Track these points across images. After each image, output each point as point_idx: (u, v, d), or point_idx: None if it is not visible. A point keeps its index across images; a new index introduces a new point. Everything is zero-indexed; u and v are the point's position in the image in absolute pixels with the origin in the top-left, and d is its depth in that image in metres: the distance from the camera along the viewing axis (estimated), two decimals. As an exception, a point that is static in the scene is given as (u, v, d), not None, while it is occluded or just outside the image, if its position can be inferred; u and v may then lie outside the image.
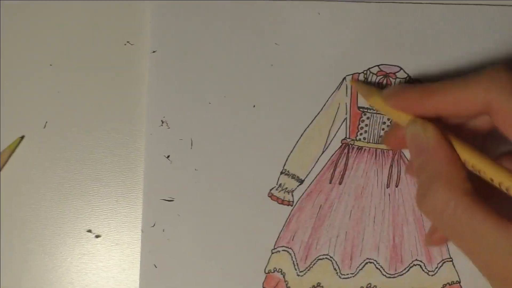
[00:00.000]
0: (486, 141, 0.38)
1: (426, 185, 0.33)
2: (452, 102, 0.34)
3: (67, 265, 0.43)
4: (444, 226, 0.32)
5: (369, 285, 0.42)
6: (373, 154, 0.43)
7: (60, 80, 0.44)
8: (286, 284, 0.42)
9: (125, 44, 0.44)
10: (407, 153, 0.43)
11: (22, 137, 0.43)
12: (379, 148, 0.43)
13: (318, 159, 0.43)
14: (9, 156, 0.43)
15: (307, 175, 0.43)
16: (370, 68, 0.43)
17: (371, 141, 0.43)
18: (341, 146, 0.43)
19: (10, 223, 0.43)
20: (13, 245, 0.43)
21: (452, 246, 0.42)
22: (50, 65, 0.44)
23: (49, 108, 0.44)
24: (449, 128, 0.35)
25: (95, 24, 0.44)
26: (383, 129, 0.43)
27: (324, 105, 0.43)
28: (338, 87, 0.43)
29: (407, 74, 0.43)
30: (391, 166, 0.43)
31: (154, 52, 0.43)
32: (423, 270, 0.42)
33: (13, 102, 0.44)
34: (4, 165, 0.43)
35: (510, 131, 0.33)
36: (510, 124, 0.32)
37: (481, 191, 0.32)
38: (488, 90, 0.33)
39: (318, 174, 0.43)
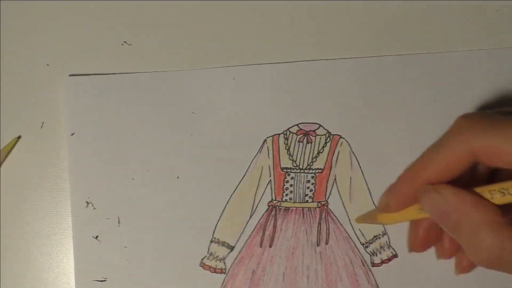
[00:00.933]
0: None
1: (473, 239, 0.33)
2: (441, 170, 0.35)
3: (63, 266, 0.43)
4: (506, 264, 0.32)
5: None
6: (300, 213, 0.43)
7: (57, 80, 0.44)
8: None
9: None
10: (333, 207, 0.43)
11: (19, 137, 0.44)
12: (306, 207, 0.43)
13: (247, 223, 0.43)
14: (6, 156, 0.43)
15: (237, 241, 0.43)
16: (289, 128, 0.43)
17: (297, 200, 0.43)
18: (268, 209, 0.43)
19: (6, 224, 0.43)
20: (10, 245, 0.43)
21: (387, 298, 0.42)
22: (47, 65, 0.44)
23: (46, 108, 0.44)
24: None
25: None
26: (308, 187, 0.43)
27: (247, 169, 0.43)
28: (260, 150, 0.43)
29: (326, 130, 0.43)
30: (319, 223, 0.43)
31: (72, 134, 0.43)
32: (361, 325, 0.42)
33: (10, 102, 0.44)
34: (0, 165, 0.43)
35: (501, 163, 0.33)
36: (499, 158, 0.33)
37: None
38: (466, 142, 0.34)
39: (248, 239, 0.43)
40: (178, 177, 0.43)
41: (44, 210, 0.43)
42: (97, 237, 0.42)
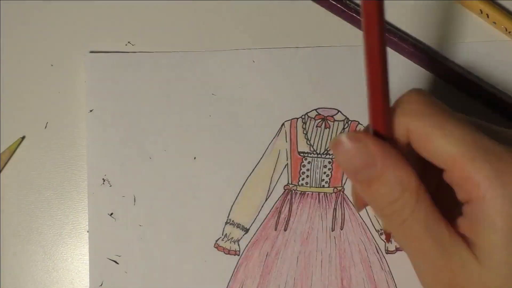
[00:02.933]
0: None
1: (375, 190, 0.31)
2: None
3: (68, 266, 0.43)
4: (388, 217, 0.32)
5: (320, 329, 0.42)
6: (316, 198, 0.43)
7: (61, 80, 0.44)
8: (238, 335, 0.42)
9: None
10: (349, 194, 0.43)
11: (23, 138, 0.43)
12: (322, 192, 0.43)
13: (262, 206, 0.43)
14: (10, 157, 0.43)
15: (252, 223, 0.43)
16: (308, 112, 0.43)
17: (313, 185, 0.43)
18: (284, 192, 0.43)
19: (10, 223, 0.43)
20: (13, 245, 0.43)
21: (399, 285, 0.42)
22: (51, 65, 0.44)
23: (50, 108, 0.44)
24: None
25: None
26: (324, 172, 0.43)
27: (265, 152, 0.43)
28: (278, 134, 0.43)
29: (345, 116, 0.43)
30: (335, 209, 0.43)
31: (91, 111, 0.43)
32: (373, 311, 0.42)
33: (13, 103, 0.44)
34: (4, 166, 0.43)
35: (425, 152, 0.31)
36: (425, 145, 0.31)
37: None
38: (406, 114, 0.31)
39: (263, 222, 0.43)
40: (195, 158, 0.43)
41: (46, 211, 0.43)
42: (111, 214, 0.42)
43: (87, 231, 0.43)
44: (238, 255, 0.43)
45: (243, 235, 0.43)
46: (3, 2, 0.44)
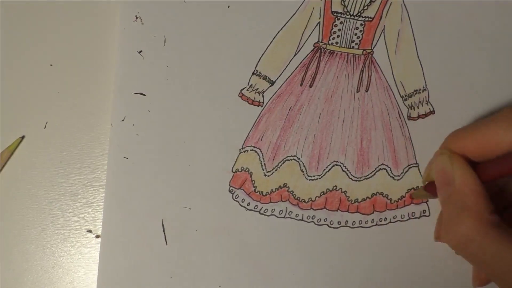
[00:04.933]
0: None
1: (454, 217, 0.34)
2: (476, 147, 0.36)
3: (67, 265, 0.43)
4: (470, 255, 0.34)
5: (335, 187, 0.43)
6: (344, 58, 0.43)
7: (60, 80, 0.44)
8: (253, 184, 0.43)
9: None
10: (378, 57, 0.43)
11: (23, 138, 0.43)
12: (351, 53, 0.43)
13: (290, 61, 0.43)
14: (9, 156, 0.43)
15: (279, 76, 0.43)
16: (345, -27, 0.43)
17: (343, 45, 0.43)
18: (313, 50, 0.43)
19: (10, 223, 0.43)
20: (13, 245, 0.43)
21: (418, 152, 0.43)
22: (51, 65, 0.44)
23: (50, 108, 0.43)
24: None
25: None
26: (355, 34, 0.43)
27: (298, 8, 0.43)
28: (313, -9, 0.43)
29: (382, -20, 0.43)
30: (362, 71, 0.43)
31: None
32: (389, 175, 0.43)
33: (13, 102, 0.43)
34: (4, 165, 0.43)
35: None
36: None
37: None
38: (508, 130, 0.34)
39: (289, 77, 0.43)
40: (229, 6, 0.43)
41: (46, 211, 0.43)
42: (140, 51, 0.43)
43: (87, 231, 0.43)
44: (262, 106, 0.43)
45: (269, 87, 0.43)
46: (3, 2, 0.44)
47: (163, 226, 0.42)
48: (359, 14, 0.43)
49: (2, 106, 0.43)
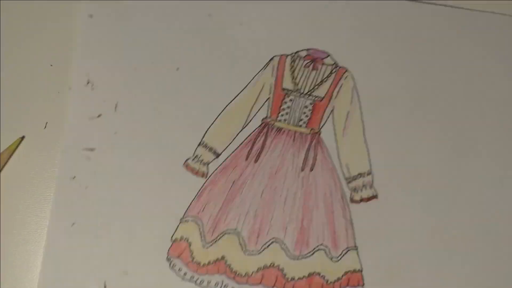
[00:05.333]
0: None
1: None
2: None
3: (66, 265, 0.43)
4: None
5: (272, 264, 0.43)
6: (292, 136, 0.43)
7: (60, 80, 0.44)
8: (191, 254, 0.43)
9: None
10: (325, 137, 0.43)
11: (23, 138, 0.44)
12: (298, 131, 0.43)
13: (237, 135, 0.43)
14: (10, 156, 0.43)
15: (224, 149, 0.43)
16: (299, 51, 0.43)
17: (291, 123, 0.43)
18: (261, 125, 0.43)
19: (10, 223, 0.43)
20: (13, 245, 0.43)
21: (358, 235, 0.43)
22: (51, 65, 0.44)
23: (50, 108, 0.44)
24: None
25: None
26: (304, 112, 0.43)
27: (249, 83, 0.43)
28: (265, 67, 0.43)
29: (334, 61, 0.43)
30: (308, 149, 0.43)
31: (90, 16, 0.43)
32: (327, 255, 0.43)
33: (13, 102, 0.44)
34: (4, 165, 0.43)
35: None
36: None
37: None
38: None
39: (235, 150, 0.43)
40: (178, 69, 0.43)
41: (45, 211, 0.43)
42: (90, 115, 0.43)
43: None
44: (205, 177, 0.43)
45: (214, 159, 0.43)
46: (3, 2, 0.44)
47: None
48: (309, 92, 0.43)
49: (2, 106, 0.44)
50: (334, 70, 0.43)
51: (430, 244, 0.42)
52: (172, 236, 0.43)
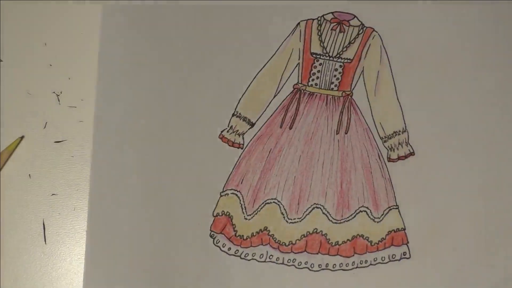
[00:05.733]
0: None
1: None
2: None
3: (66, 265, 0.42)
4: None
5: (315, 230, 0.42)
6: (324, 100, 0.43)
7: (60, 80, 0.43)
8: (233, 228, 0.42)
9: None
10: (357, 98, 0.43)
11: (22, 137, 0.43)
12: (330, 95, 0.43)
13: (270, 103, 0.43)
14: (9, 156, 0.42)
15: (258, 118, 0.43)
16: (324, 15, 0.43)
17: (322, 87, 0.43)
18: (292, 91, 0.43)
19: (10, 223, 0.42)
20: (13, 245, 0.42)
21: (398, 194, 0.43)
22: (50, 65, 0.43)
23: (50, 108, 0.43)
24: None
25: None
26: (334, 75, 0.43)
27: (277, 50, 0.43)
28: (292, 32, 0.43)
29: (361, 22, 0.43)
30: (342, 112, 0.43)
31: None
32: (369, 217, 0.43)
33: (13, 102, 0.43)
34: (3, 165, 0.42)
35: None
36: None
37: None
38: None
39: (269, 118, 0.43)
40: (206, 41, 0.42)
41: (45, 211, 0.43)
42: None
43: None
44: (242, 148, 0.42)
45: (249, 129, 0.43)
46: (3, 2, 0.43)
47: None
48: (338, 55, 0.43)
49: (2, 106, 0.43)
50: (361, 31, 0.43)
51: (471, 199, 0.42)
52: (213, 212, 0.42)
